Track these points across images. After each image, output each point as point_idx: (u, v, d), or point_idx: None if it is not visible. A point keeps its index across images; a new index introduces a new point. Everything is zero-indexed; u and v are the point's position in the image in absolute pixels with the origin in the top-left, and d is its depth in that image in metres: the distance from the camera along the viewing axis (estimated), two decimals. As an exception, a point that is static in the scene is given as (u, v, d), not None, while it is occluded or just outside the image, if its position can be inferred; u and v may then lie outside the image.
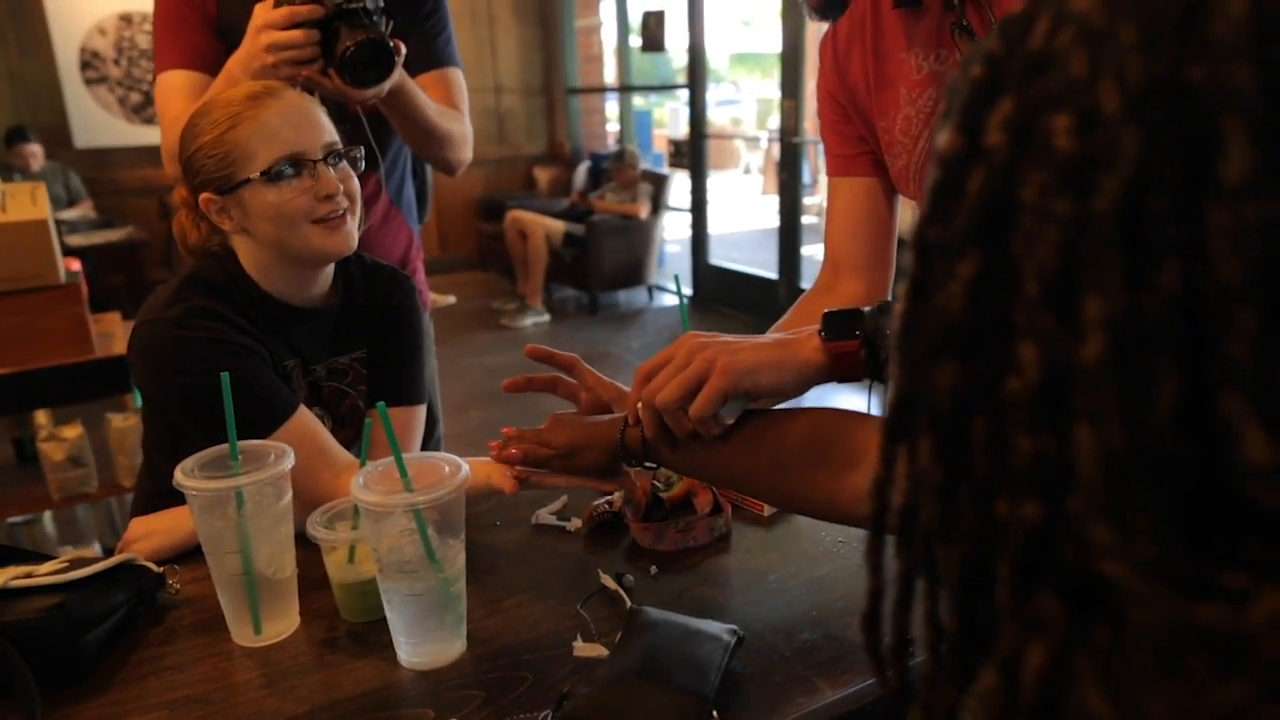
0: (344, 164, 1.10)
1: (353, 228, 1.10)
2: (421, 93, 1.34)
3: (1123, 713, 0.27)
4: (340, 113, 1.39)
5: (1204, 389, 0.25)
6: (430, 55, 1.45)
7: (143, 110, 5.63)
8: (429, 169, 1.70)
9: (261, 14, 1.20)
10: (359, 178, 1.12)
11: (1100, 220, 0.26)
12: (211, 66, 1.34)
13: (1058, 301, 0.27)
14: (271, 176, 1.03)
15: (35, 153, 4.88)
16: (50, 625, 0.82)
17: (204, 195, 1.07)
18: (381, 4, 1.23)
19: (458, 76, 1.50)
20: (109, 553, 2.47)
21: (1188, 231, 0.25)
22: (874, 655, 0.37)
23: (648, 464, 0.89)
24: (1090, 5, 0.28)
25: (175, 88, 1.35)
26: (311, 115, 1.08)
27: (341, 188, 1.07)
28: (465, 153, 1.48)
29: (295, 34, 1.18)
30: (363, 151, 1.15)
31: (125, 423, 2.27)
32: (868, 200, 1.13)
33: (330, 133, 1.09)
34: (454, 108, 1.46)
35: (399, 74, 1.25)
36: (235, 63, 1.24)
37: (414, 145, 1.46)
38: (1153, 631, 0.26)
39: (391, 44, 1.21)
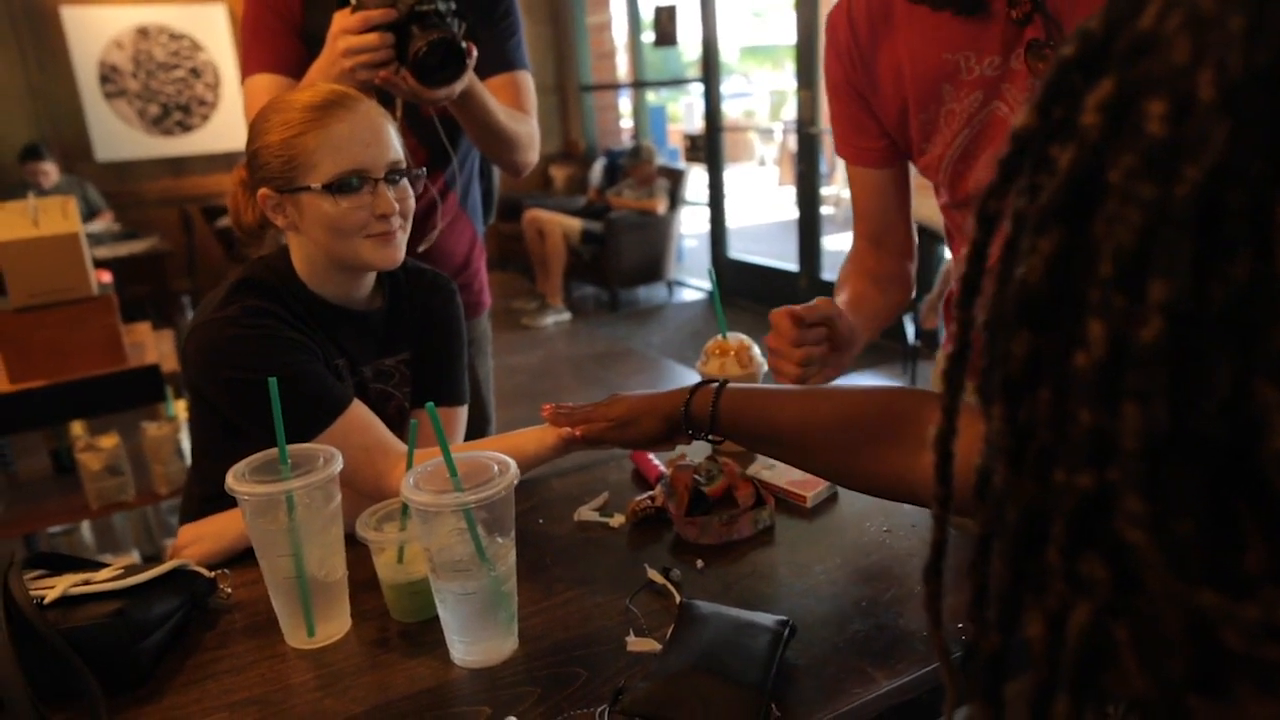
0: (403, 182, 1.10)
1: (402, 241, 1.11)
2: (490, 96, 1.37)
3: (1155, 682, 0.28)
4: (415, 115, 1.41)
5: (1246, 378, 0.26)
6: (501, 58, 1.48)
7: (161, 122, 5.69)
8: (496, 172, 1.72)
9: (338, 21, 1.24)
10: (429, 177, 1.14)
11: (1180, 207, 0.26)
12: (296, 70, 1.38)
13: (1130, 283, 0.28)
14: (331, 189, 1.04)
15: (48, 171, 4.89)
16: (110, 631, 0.83)
17: (263, 190, 1.08)
18: (454, 6, 1.26)
19: (527, 79, 1.52)
20: (147, 559, 2.50)
21: (1261, 224, 0.25)
22: (933, 608, 0.39)
23: (710, 436, 0.90)
24: None
25: (262, 90, 1.40)
26: (381, 133, 1.08)
27: (397, 208, 1.08)
28: (532, 154, 1.51)
29: (370, 37, 1.21)
30: (424, 171, 1.17)
31: (160, 431, 2.29)
32: (896, 188, 1.21)
33: (396, 151, 1.09)
34: (522, 110, 1.49)
35: (470, 76, 1.27)
36: (316, 70, 1.28)
37: (482, 147, 1.49)
38: (1161, 605, 0.27)
39: (463, 45, 1.23)
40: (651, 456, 1.24)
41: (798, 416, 0.84)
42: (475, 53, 1.25)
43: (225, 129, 5.80)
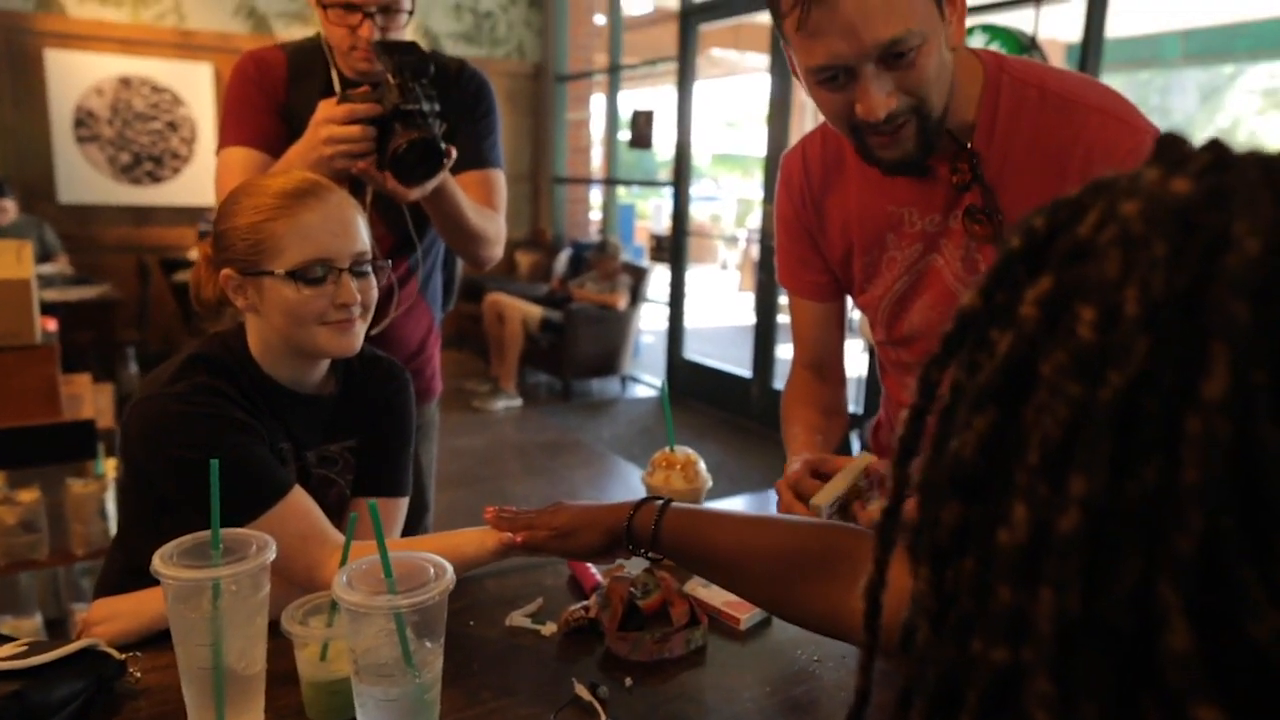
0: (368, 274, 1.12)
1: (360, 330, 1.12)
2: (461, 193, 1.40)
3: None
4: (385, 202, 1.45)
5: (1152, 577, 0.27)
6: (476, 155, 1.52)
7: (131, 171, 5.67)
8: (459, 261, 1.75)
9: (324, 109, 1.27)
10: (394, 262, 1.15)
11: (1102, 409, 0.29)
12: (273, 147, 1.41)
13: (1053, 473, 0.30)
14: (295, 276, 1.05)
15: (7, 208, 4.81)
16: (5, 715, 0.79)
17: (226, 271, 1.08)
18: (437, 108, 1.29)
19: (499, 178, 1.56)
20: (51, 623, 2.36)
21: (1171, 434, 0.27)
22: None
23: (651, 554, 0.90)
24: (1135, 212, 0.30)
25: (236, 163, 1.42)
26: (350, 224, 1.09)
27: (359, 298, 1.09)
28: (496, 250, 1.54)
29: (353, 129, 1.24)
30: (389, 264, 1.19)
31: (85, 489, 2.20)
32: (837, 321, 1.28)
33: (363, 242, 1.11)
34: (492, 207, 1.52)
35: (444, 174, 1.30)
36: (295, 153, 1.30)
37: (448, 239, 1.52)
38: None
39: (443, 146, 1.26)
40: (589, 565, 1.24)
41: (736, 544, 0.85)
42: (454, 155, 1.29)
43: (195, 184, 5.80)
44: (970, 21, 0.99)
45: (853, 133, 0.99)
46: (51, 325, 2.38)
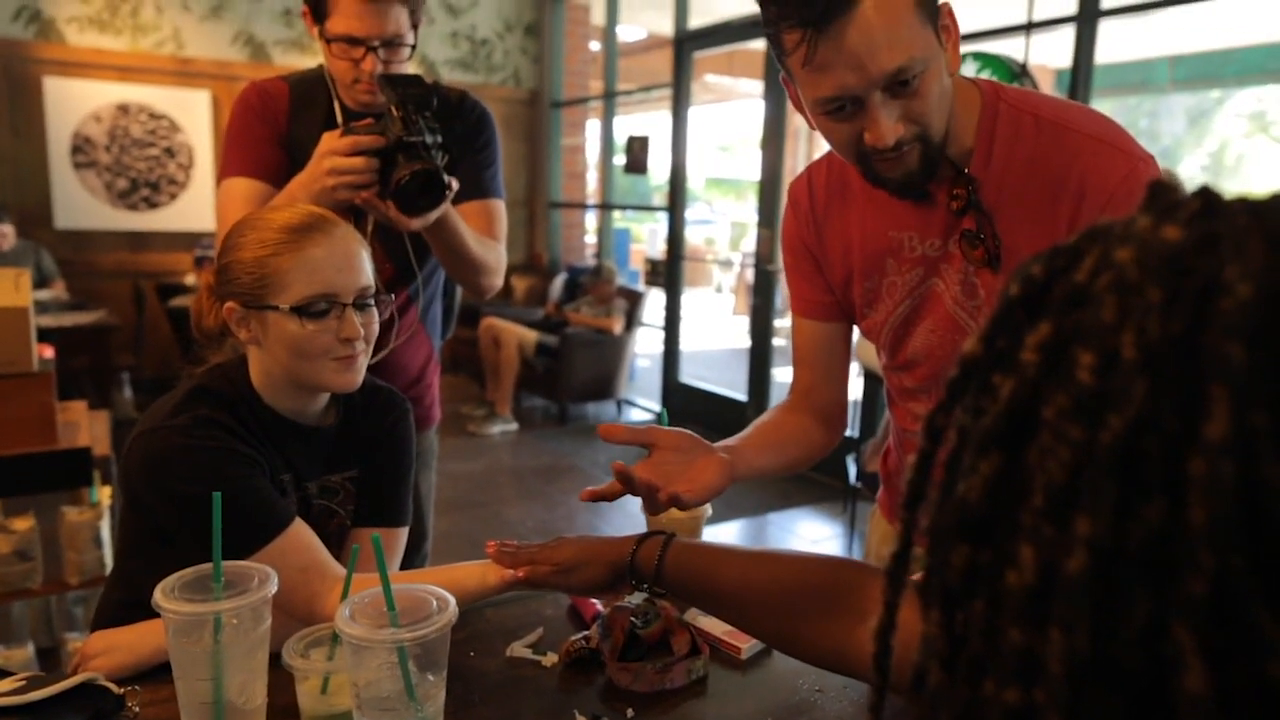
0: (371, 308, 1.12)
1: (363, 365, 1.12)
2: (463, 223, 1.42)
3: None
4: (386, 231, 1.46)
5: (1163, 617, 0.28)
6: (477, 185, 1.53)
7: (128, 196, 5.68)
8: (458, 289, 1.76)
9: (328, 141, 1.28)
10: (394, 292, 1.16)
11: (1105, 452, 0.29)
12: (274, 177, 1.42)
13: (1058, 515, 0.30)
14: (299, 312, 1.06)
15: (5, 233, 4.82)
16: (4, 750, 0.79)
17: (230, 304, 1.09)
18: (440, 140, 1.31)
19: (499, 208, 1.58)
20: (43, 652, 2.34)
21: (1174, 475, 0.28)
22: None
23: (655, 588, 0.90)
24: (1129, 258, 0.31)
25: (238, 194, 1.43)
26: (354, 258, 1.10)
27: (363, 333, 1.09)
28: (497, 279, 1.55)
29: (357, 161, 1.26)
30: (392, 298, 1.20)
31: (80, 517, 2.19)
32: (839, 342, 1.25)
33: (367, 276, 1.11)
34: (492, 237, 1.54)
35: (446, 204, 1.31)
36: (298, 183, 1.31)
37: (448, 268, 1.54)
38: None
39: (445, 178, 1.28)
40: (590, 594, 1.24)
41: (740, 580, 0.85)
42: (456, 186, 1.30)
43: (191, 210, 5.81)
44: (962, 49, 1.01)
45: (860, 159, 1.00)
46: (48, 352, 2.38)
